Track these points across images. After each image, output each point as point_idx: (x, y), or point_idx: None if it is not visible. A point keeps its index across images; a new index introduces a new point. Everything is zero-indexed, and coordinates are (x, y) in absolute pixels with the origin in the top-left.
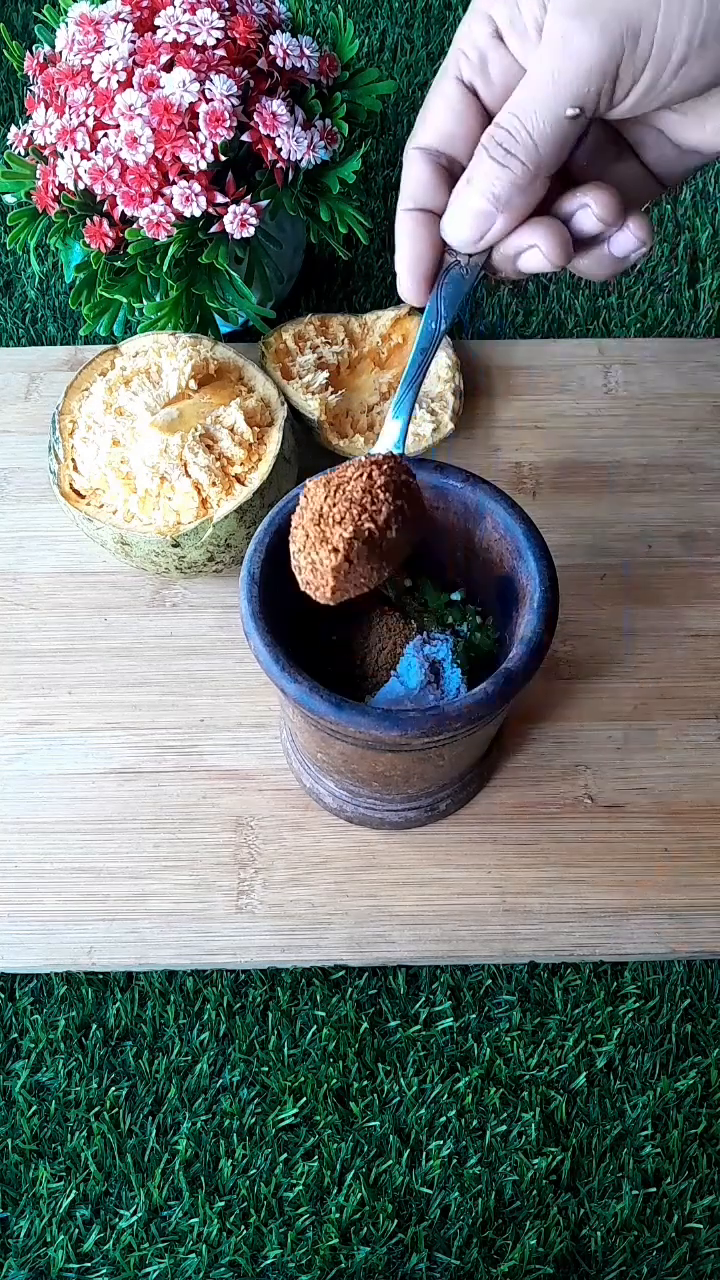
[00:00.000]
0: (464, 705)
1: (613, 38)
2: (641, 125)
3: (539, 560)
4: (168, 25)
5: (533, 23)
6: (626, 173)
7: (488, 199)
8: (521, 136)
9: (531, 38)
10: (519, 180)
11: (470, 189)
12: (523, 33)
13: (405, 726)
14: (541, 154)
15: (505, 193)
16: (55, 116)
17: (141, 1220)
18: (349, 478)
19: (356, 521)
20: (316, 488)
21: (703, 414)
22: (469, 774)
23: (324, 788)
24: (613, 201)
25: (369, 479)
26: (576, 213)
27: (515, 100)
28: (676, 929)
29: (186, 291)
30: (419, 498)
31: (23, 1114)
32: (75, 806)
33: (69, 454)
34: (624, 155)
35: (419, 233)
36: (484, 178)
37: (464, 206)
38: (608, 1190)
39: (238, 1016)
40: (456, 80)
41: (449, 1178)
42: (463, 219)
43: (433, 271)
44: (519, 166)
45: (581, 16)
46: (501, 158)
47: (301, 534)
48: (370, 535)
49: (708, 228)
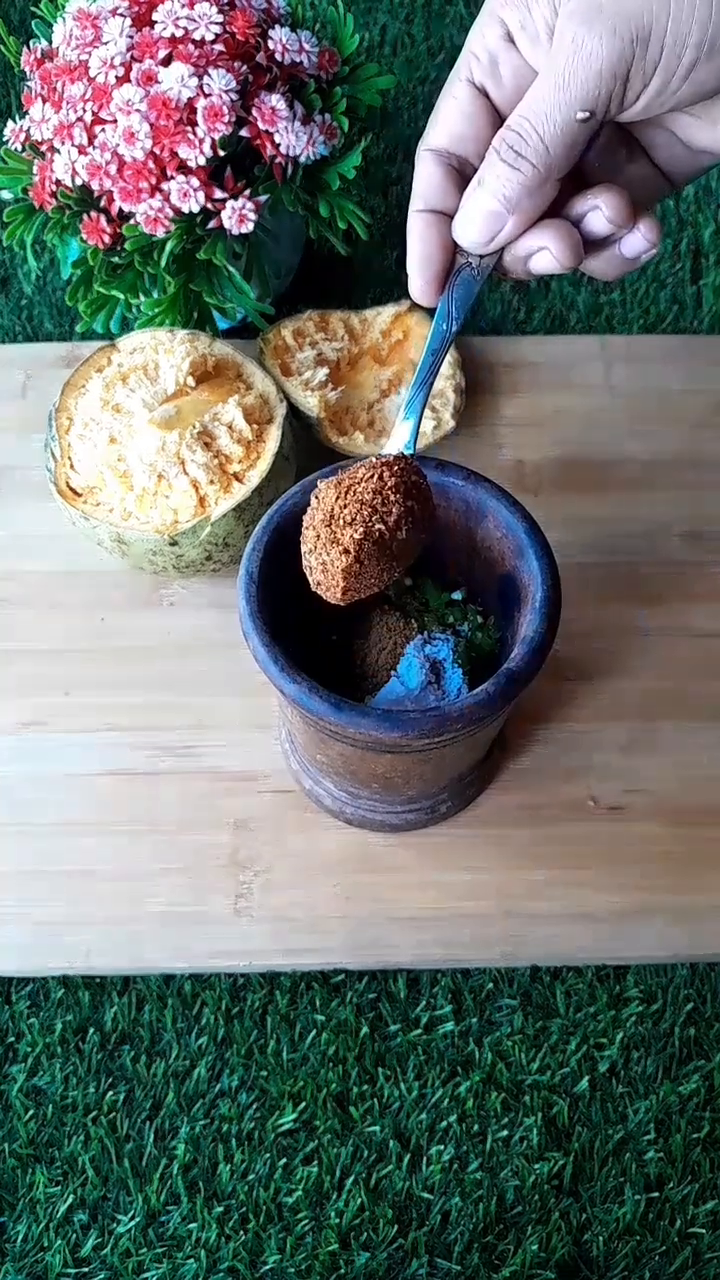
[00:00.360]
0: (465, 706)
1: (623, 42)
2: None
3: (541, 559)
4: (166, 20)
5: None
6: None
7: (499, 201)
8: (532, 139)
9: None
10: (530, 182)
11: (481, 191)
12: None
13: (405, 727)
14: (552, 156)
15: (516, 195)
16: (52, 112)
17: (139, 1225)
18: (360, 479)
19: (367, 523)
20: (328, 489)
21: (706, 411)
22: (470, 776)
23: (324, 789)
24: (623, 204)
25: (380, 480)
26: (588, 215)
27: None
28: (680, 932)
29: (184, 288)
30: (429, 498)
31: (19, 1118)
32: (72, 808)
33: (65, 452)
34: (635, 155)
35: (430, 234)
36: (495, 180)
37: (475, 208)
38: (610, 1195)
39: (236, 1021)
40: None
41: (450, 1183)
42: (474, 220)
43: (444, 273)
44: (530, 169)
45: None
46: (512, 160)
47: (313, 534)
48: (381, 536)
49: (710, 224)
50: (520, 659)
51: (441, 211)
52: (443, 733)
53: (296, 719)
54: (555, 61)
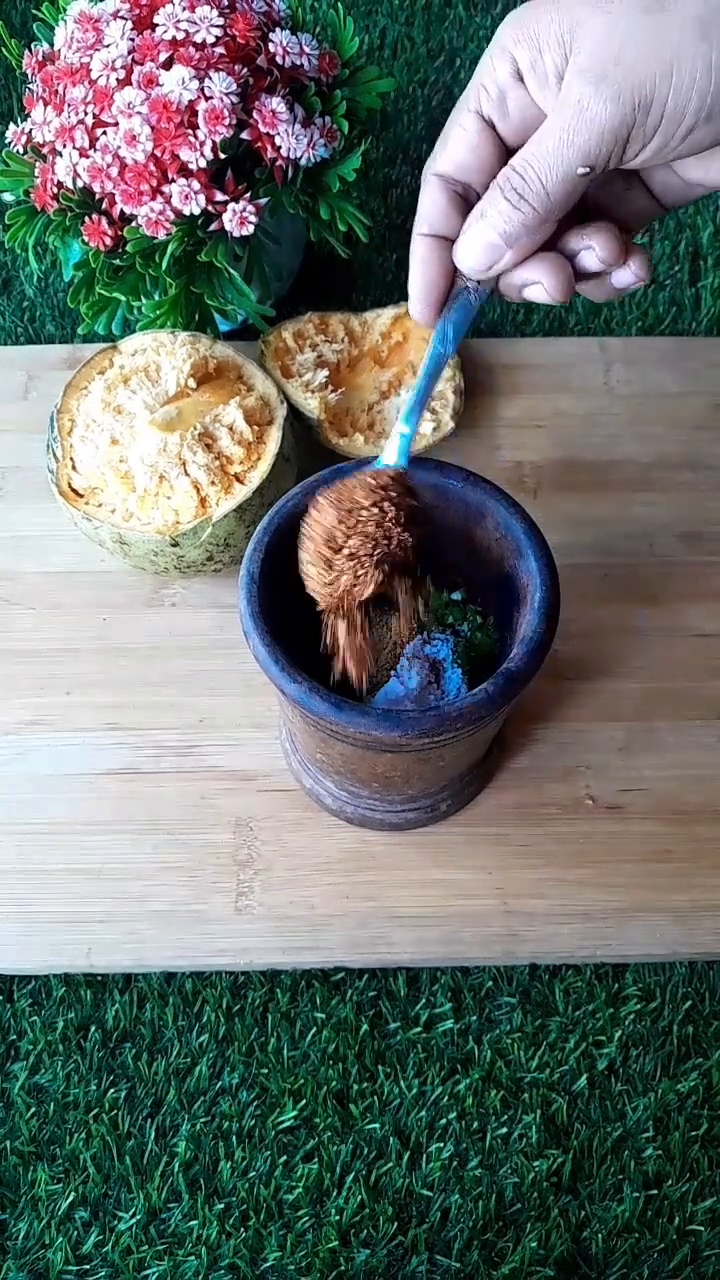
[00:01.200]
0: (464, 705)
1: (626, 108)
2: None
3: (539, 559)
4: (167, 23)
5: (553, 70)
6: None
7: (499, 234)
8: (535, 185)
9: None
10: (529, 222)
11: (484, 223)
12: (543, 78)
13: (405, 727)
14: (552, 201)
15: (516, 231)
16: (54, 114)
17: (140, 1222)
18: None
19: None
20: (328, 508)
21: (704, 412)
22: (469, 775)
23: (324, 788)
24: (616, 245)
25: (381, 512)
26: (581, 252)
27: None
28: (678, 930)
29: (185, 290)
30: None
31: (21, 1116)
32: (74, 807)
33: (67, 453)
34: (632, 185)
35: (432, 258)
36: (497, 215)
37: (477, 237)
38: (609, 1192)
39: (237, 1018)
40: (476, 114)
41: (449, 1180)
42: (474, 249)
43: (443, 296)
44: (530, 210)
45: (598, 84)
46: (515, 200)
47: (311, 547)
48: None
49: (709, 226)
50: (519, 659)
51: (444, 236)
52: (442, 732)
53: (297, 718)
54: (561, 117)
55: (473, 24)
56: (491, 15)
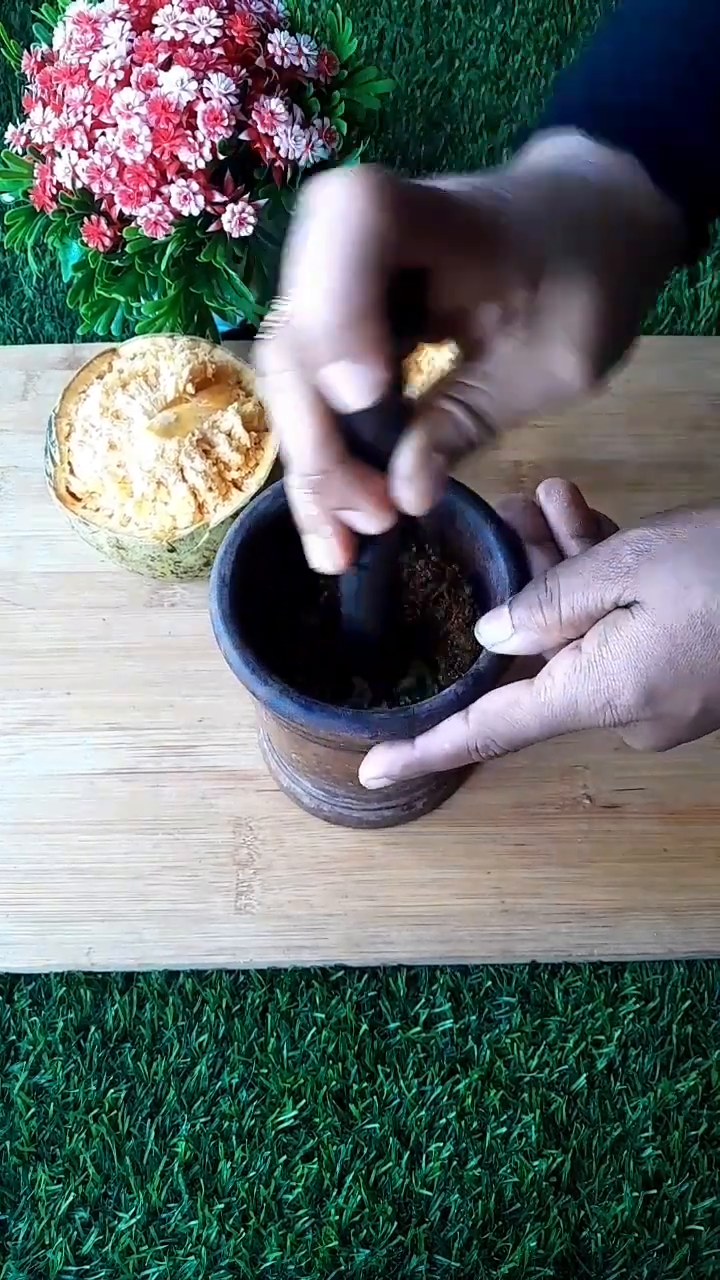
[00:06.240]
0: (433, 707)
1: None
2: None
3: (509, 561)
4: (165, 24)
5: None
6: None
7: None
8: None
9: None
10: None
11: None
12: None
13: (375, 729)
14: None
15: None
16: (53, 115)
17: (140, 1222)
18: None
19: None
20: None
21: (702, 412)
22: (444, 773)
23: (301, 788)
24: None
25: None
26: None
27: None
28: (675, 929)
29: (185, 291)
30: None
31: (21, 1116)
32: (73, 807)
33: (65, 457)
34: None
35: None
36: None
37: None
38: (608, 1192)
39: (237, 1018)
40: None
41: (449, 1179)
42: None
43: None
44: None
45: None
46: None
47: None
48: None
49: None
50: (486, 661)
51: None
52: (412, 734)
53: (271, 720)
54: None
55: (471, 25)
56: (490, 17)
